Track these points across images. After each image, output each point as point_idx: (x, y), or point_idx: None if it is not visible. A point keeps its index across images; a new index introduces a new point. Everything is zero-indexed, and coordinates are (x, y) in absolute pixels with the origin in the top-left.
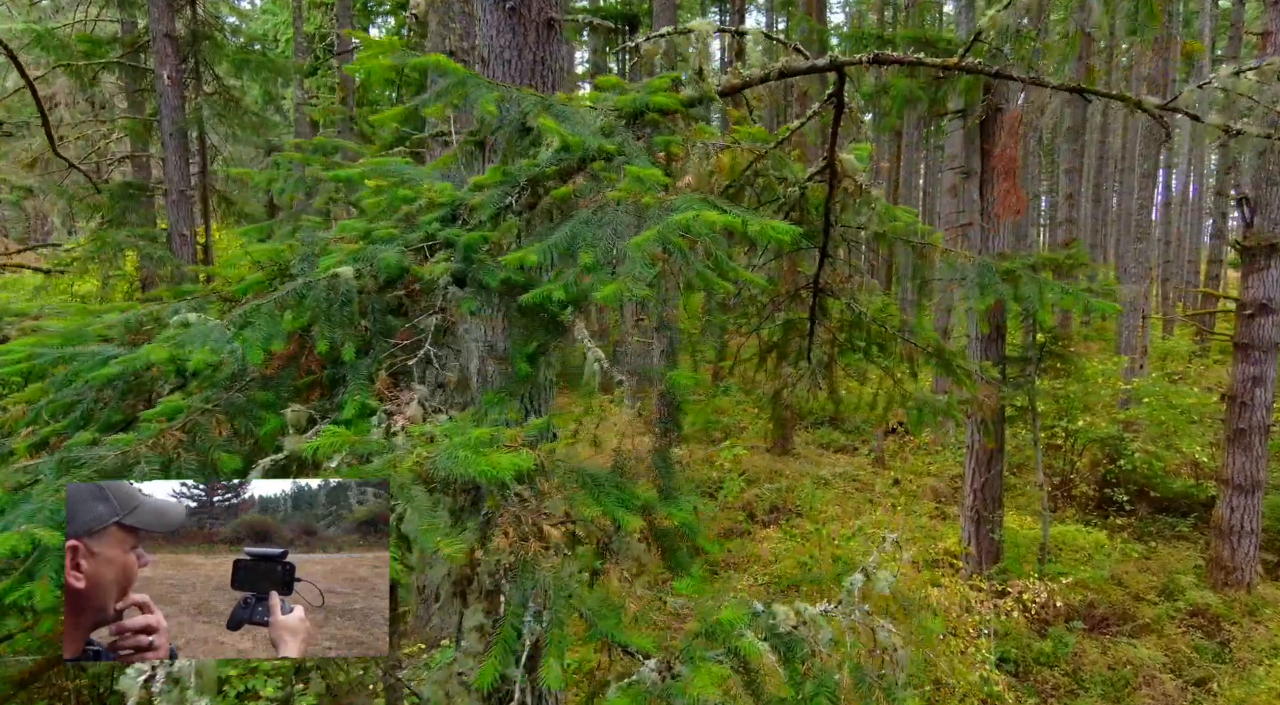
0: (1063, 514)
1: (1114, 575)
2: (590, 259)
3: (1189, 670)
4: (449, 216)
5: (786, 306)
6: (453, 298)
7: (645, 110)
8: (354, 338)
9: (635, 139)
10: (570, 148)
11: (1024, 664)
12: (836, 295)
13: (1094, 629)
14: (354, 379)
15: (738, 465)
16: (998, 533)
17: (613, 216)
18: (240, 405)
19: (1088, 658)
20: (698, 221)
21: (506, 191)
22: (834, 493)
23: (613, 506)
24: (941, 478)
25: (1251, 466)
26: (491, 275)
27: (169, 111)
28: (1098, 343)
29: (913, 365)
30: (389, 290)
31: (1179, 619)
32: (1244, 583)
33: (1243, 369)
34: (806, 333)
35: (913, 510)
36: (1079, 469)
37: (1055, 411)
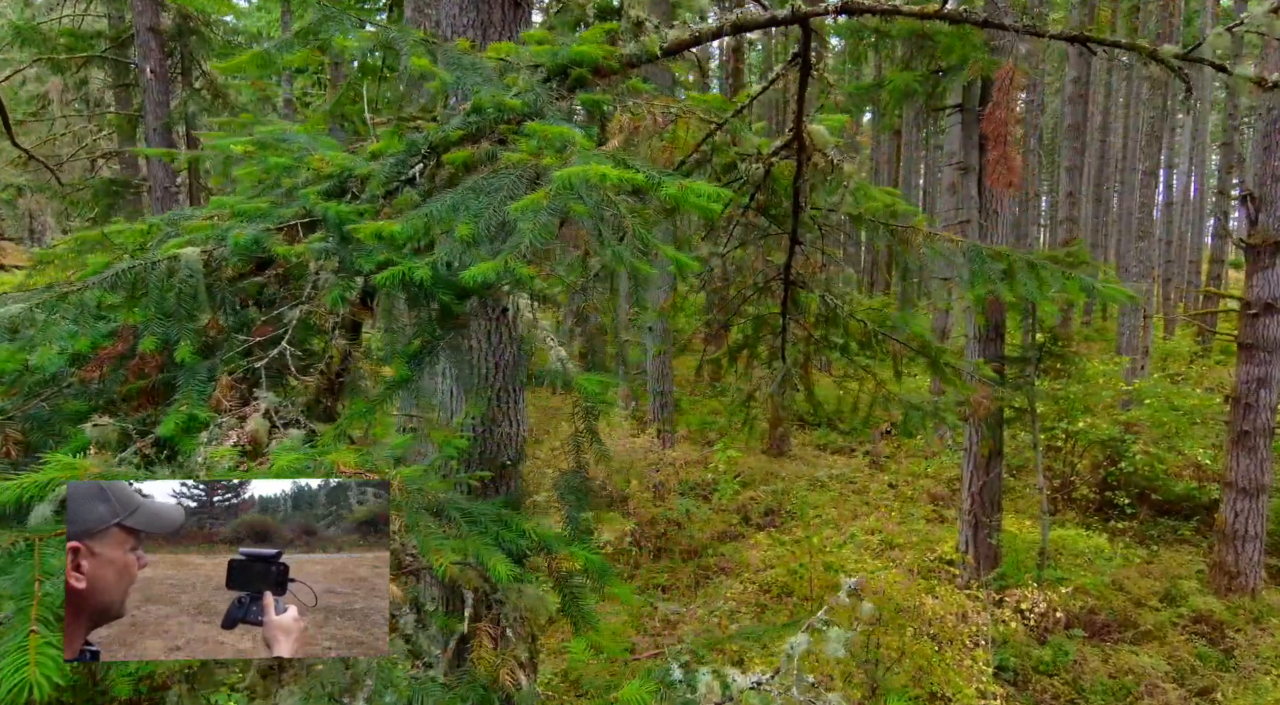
0: (1063, 517)
1: (1115, 580)
2: (469, 230)
3: (1192, 679)
4: (336, 190)
5: (756, 300)
6: (324, 284)
7: (570, 65)
8: (193, 333)
9: (559, 100)
10: (481, 109)
11: (1023, 673)
12: (810, 287)
13: (1095, 636)
14: (187, 384)
15: (733, 467)
16: (995, 537)
17: (504, 181)
18: (42, 417)
19: (1089, 666)
20: (585, 177)
21: (405, 161)
22: (830, 495)
23: (483, 548)
24: (940, 480)
25: (1256, 469)
26: (367, 258)
27: (153, 106)
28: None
29: (896, 364)
30: (253, 276)
31: (1182, 625)
32: (1248, 588)
33: (1247, 370)
34: (779, 329)
35: (910, 514)
36: (1080, 471)
37: (1056, 413)
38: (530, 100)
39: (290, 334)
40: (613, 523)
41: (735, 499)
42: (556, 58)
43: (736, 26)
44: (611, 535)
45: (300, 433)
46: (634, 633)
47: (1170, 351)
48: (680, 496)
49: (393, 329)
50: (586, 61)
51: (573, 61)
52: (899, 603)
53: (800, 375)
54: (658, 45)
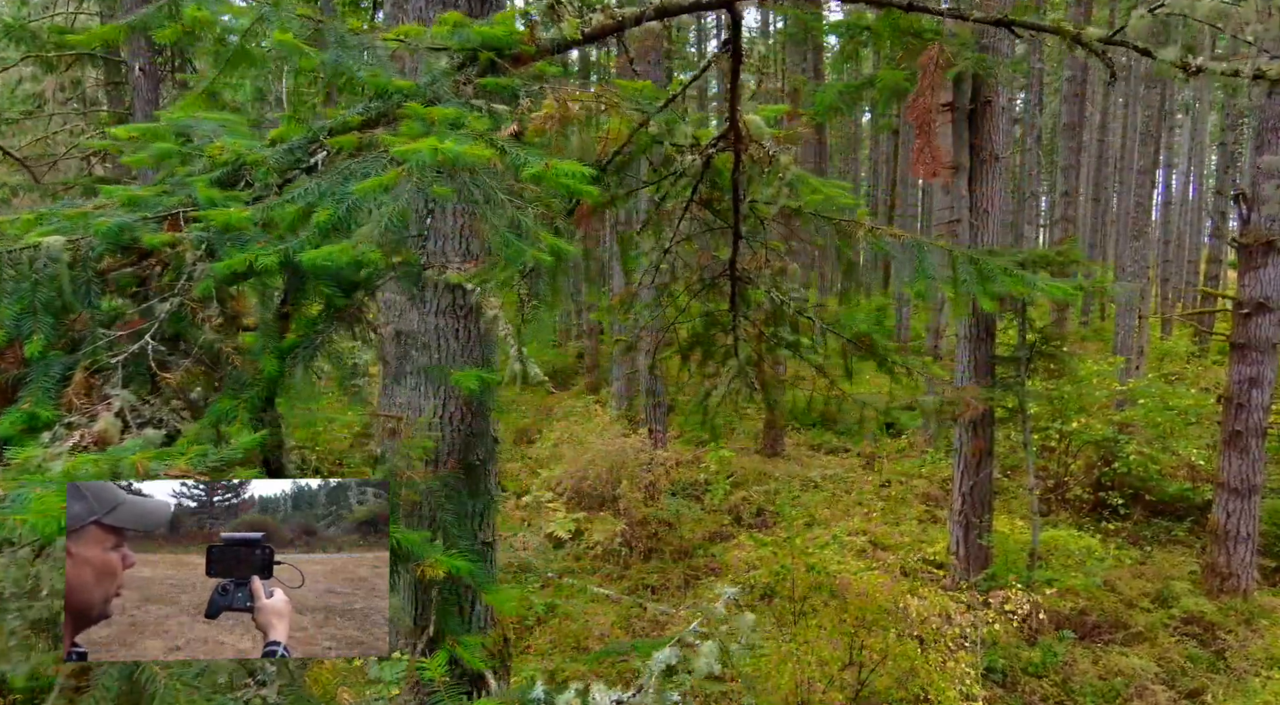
0: (1056, 518)
1: (1107, 581)
2: (327, 216)
3: (1182, 680)
4: (229, 178)
5: (704, 296)
6: (200, 274)
7: (480, 49)
8: (50, 327)
9: (465, 84)
10: (386, 94)
11: (1012, 674)
12: (756, 283)
13: (1086, 637)
14: (38, 381)
15: (726, 467)
16: (985, 538)
17: (375, 166)
18: None
19: (1078, 667)
20: (420, 157)
21: (305, 147)
22: (823, 495)
23: None
24: (933, 480)
25: (1248, 470)
26: (235, 249)
27: (142, 104)
28: (1096, 343)
29: (846, 362)
30: (130, 267)
31: (1173, 627)
32: (1240, 589)
33: (1239, 370)
34: (730, 327)
35: (903, 514)
36: (1073, 471)
37: (1050, 413)
38: (425, 84)
39: (158, 328)
40: (604, 523)
41: (727, 499)
42: (462, 41)
43: (661, 11)
44: (601, 536)
45: (158, 433)
46: (622, 634)
47: (1168, 351)
48: (672, 496)
49: (267, 323)
50: (495, 45)
51: (482, 45)
52: (881, 604)
53: (755, 374)
54: (578, 30)
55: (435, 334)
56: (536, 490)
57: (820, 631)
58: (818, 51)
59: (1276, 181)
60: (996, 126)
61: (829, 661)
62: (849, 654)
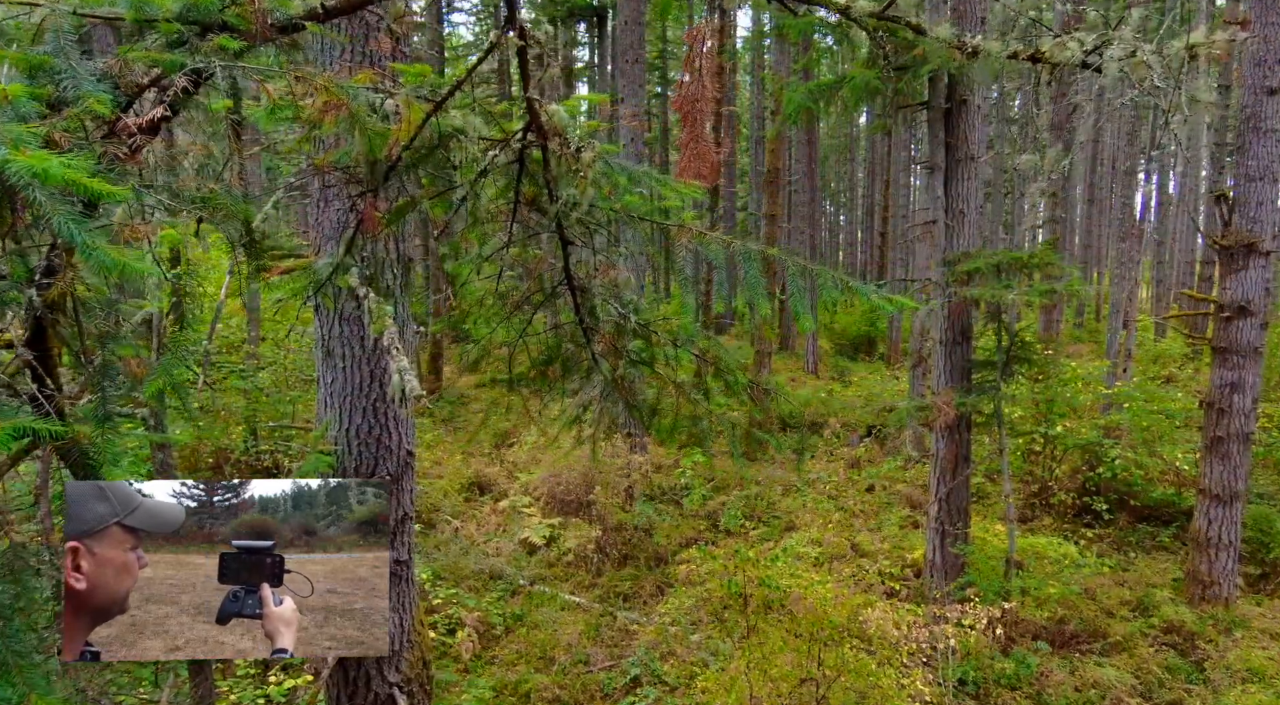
0: (1039, 523)
1: (1088, 589)
2: None
3: (1159, 692)
4: None
5: (551, 306)
6: None
7: (178, 20)
8: None
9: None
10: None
11: (984, 686)
12: (592, 293)
13: (1063, 647)
14: None
15: (706, 472)
16: (959, 546)
17: None
18: None
19: (1053, 678)
20: None
21: None
22: (804, 500)
23: None
24: (916, 485)
25: (1229, 476)
26: None
27: None
28: (1090, 345)
29: (702, 379)
30: None
31: (1152, 636)
32: (1222, 598)
33: (1220, 374)
34: (584, 342)
35: (885, 519)
36: (1058, 476)
37: (1034, 417)
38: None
39: None
40: (578, 529)
41: (705, 505)
42: (139, 10)
43: None
44: (575, 542)
45: None
46: (590, 643)
47: (1161, 353)
48: (649, 501)
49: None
50: (196, 19)
51: (177, 17)
52: (834, 619)
53: (622, 388)
54: (319, 2)
55: (340, 342)
56: (514, 495)
57: (769, 649)
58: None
59: (1258, 182)
60: (973, 126)
61: (778, 680)
62: (802, 671)
